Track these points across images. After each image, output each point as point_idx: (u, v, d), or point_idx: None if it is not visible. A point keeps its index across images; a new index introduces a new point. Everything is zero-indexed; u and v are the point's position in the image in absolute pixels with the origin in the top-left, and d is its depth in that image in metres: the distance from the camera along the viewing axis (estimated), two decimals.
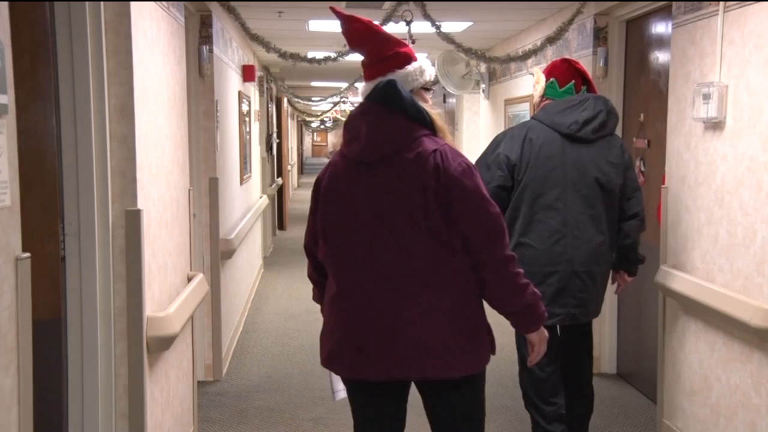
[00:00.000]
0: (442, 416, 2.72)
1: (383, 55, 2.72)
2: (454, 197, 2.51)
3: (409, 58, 2.75)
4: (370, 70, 2.73)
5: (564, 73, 3.83)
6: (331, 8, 2.85)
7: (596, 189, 3.70)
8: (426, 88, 2.78)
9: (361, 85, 2.79)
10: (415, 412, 4.68)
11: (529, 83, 6.84)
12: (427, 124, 2.61)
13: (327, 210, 2.64)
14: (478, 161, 3.84)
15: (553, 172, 3.68)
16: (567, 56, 4.36)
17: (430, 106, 2.73)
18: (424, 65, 2.78)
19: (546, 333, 2.68)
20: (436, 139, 2.60)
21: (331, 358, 2.67)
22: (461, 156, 2.60)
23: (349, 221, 2.59)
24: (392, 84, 2.59)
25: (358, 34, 2.72)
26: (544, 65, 6.34)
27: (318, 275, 2.79)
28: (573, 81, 3.81)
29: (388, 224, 2.54)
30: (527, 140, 3.73)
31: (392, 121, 2.57)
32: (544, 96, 3.87)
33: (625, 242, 3.82)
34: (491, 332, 2.64)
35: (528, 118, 6.75)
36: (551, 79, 3.85)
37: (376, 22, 2.96)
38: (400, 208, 2.53)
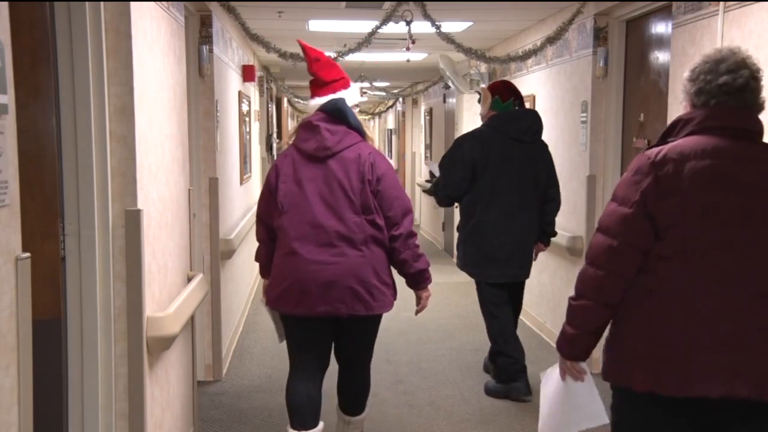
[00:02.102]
0: (356, 343, 3.69)
1: (334, 78, 3.66)
2: (382, 186, 3.53)
3: (349, 82, 3.70)
4: (322, 89, 3.65)
5: (504, 92, 4.96)
6: (299, 42, 3.83)
7: (532, 179, 4.88)
8: (356, 105, 3.71)
9: (314, 100, 3.67)
10: (415, 411, 4.68)
11: (530, 84, 6.84)
12: (361, 132, 3.62)
13: (286, 190, 3.54)
14: (443, 159, 5.04)
15: (505, 166, 4.83)
16: (507, 78, 5.51)
17: (362, 119, 3.68)
18: (356, 89, 3.75)
19: (430, 291, 3.75)
20: (368, 144, 3.63)
21: (278, 300, 3.56)
22: (386, 158, 3.68)
23: (303, 199, 3.52)
24: (343, 101, 3.60)
25: (317, 62, 3.68)
26: (544, 64, 6.35)
27: (269, 238, 3.67)
28: (511, 98, 4.93)
29: (332, 203, 3.50)
30: (485, 143, 4.85)
31: (339, 130, 3.56)
32: (491, 109, 4.96)
33: (546, 219, 4.99)
34: (395, 285, 3.65)
35: None
36: (495, 97, 4.94)
37: (376, 23, 4.26)
38: (342, 192, 3.51)
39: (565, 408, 2.69)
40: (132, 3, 2.94)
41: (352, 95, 3.68)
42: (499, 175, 4.82)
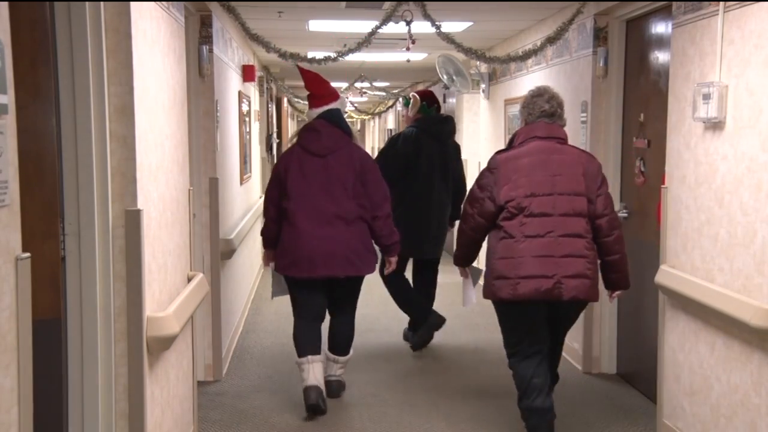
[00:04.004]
0: (345, 299, 4.80)
1: (327, 92, 4.77)
2: (368, 177, 4.62)
3: (338, 95, 4.82)
4: (318, 101, 4.74)
5: (430, 99, 6.03)
6: (297, 66, 5.02)
7: (449, 171, 5.91)
8: (345, 112, 4.79)
9: (314, 110, 4.75)
10: (415, 411, 4.68)
11: (530, 84, 6.84)
12: (352, 136, 4.74)
13: (293, 180, 4.58)
14: (380, 154, 6.04)
15: (430, 161, 5.82)
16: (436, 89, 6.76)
17: (355, 119, 5.82)
18: (344, 100, 5.04)
19: (396, 257, 4.90)
20: (357, 144, 4.77)
21: (289, 267, 4.60)
22: (370, 156, 4.82)
23: (307, 188, 4.56)
24: (338, 111, 4.74)
25: (312, 79, 4.79)
26: (544, 64, 6.35)
27: (277, 217, 4.66)
28: (435, 104, 6.01)
29: (330, 190, 4.56)
30: (416, 141, 5.81)
31: (335, 133, 4.65)
32: (419, 112, 5.95)
33: (456, 205, 5.92)
34: (377, 253, 4.74)
35: None
36: (423, 102, 5.97)
37: (376, 23, 5.10)
38: (338, 181, 4.57)
39: (464, 293, 4.52)
40: (132, 3, 2.94)
41: (342, 105, 4.83)
42: (425, 169, 5.79)
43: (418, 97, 6.00)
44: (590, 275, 3.87)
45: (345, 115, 4.74)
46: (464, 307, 4.75)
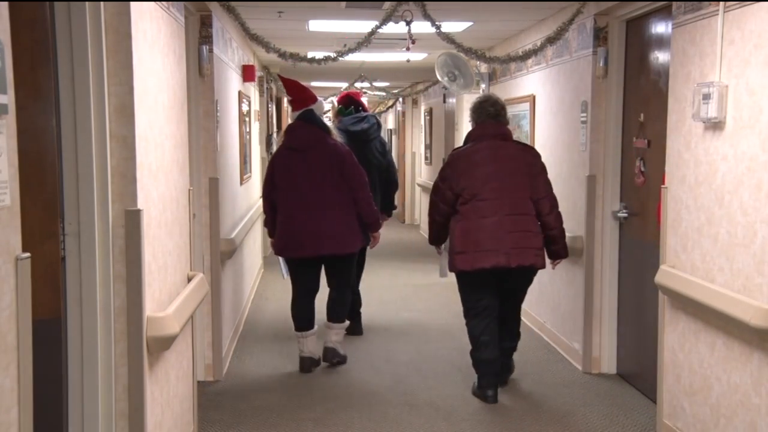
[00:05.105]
0: (336, 274, 5.54)
1: (305, 96, 5.49)
2: (345, 166, 5.32)
3: (316, 98, 5.53)
4: (298, 104, 5.48)
5: (345, 101, 6.61)
6: (279, 76, 6.17)
7: (372, 168, 6.25)
8: (324, 113, 5.78)
9: (294, 113, 5.52)
10: (415, 411, 4.68)
11: (530, 84, 6.85)
12: (328, 132, 5.45)
13: (279, 174, 5.34)
14: None
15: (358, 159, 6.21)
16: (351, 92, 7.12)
17: (329, 121, 6.13)
18: (322, 102, 5.70)
19: (379, 233, 5.80)
20: (333, 138, 5.44)
21: (284, 250, 5.41)
22: (345, 146, 5.48)
23: (292, 179, 5.30)
24: (311, 111, 5.44)
25: (292, 86, 5.57)
26: (544, 64, 6.35)
27: (271, 209, 5.46)
28: (352, 106, 6.54)
29: (313, 180, 5.27)
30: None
31: (312, 130, 5.38)
32: (336, 116, 6.57)
33: (389, 196, 6.64)
34: (360, 232, 5.45)
35: (528, 117, 6.85)
36: (340, 106, 6.59)
37: (376, 23, 5.23)
38: (319, 172, 5.27)
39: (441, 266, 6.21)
40: (132, 3, 2.94)
41: (319, 107, 5.53)
42: None
43: (335, 102, 6.76)
44: (534, 246, 4.69)
45: (324, 116, 5.58)
46: (441, 277, 5.99)
